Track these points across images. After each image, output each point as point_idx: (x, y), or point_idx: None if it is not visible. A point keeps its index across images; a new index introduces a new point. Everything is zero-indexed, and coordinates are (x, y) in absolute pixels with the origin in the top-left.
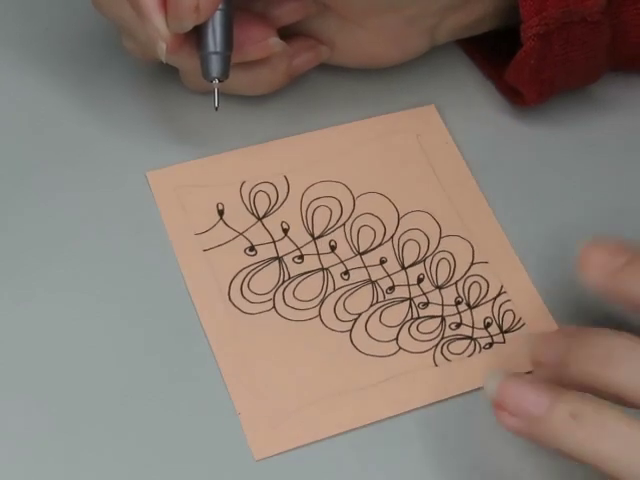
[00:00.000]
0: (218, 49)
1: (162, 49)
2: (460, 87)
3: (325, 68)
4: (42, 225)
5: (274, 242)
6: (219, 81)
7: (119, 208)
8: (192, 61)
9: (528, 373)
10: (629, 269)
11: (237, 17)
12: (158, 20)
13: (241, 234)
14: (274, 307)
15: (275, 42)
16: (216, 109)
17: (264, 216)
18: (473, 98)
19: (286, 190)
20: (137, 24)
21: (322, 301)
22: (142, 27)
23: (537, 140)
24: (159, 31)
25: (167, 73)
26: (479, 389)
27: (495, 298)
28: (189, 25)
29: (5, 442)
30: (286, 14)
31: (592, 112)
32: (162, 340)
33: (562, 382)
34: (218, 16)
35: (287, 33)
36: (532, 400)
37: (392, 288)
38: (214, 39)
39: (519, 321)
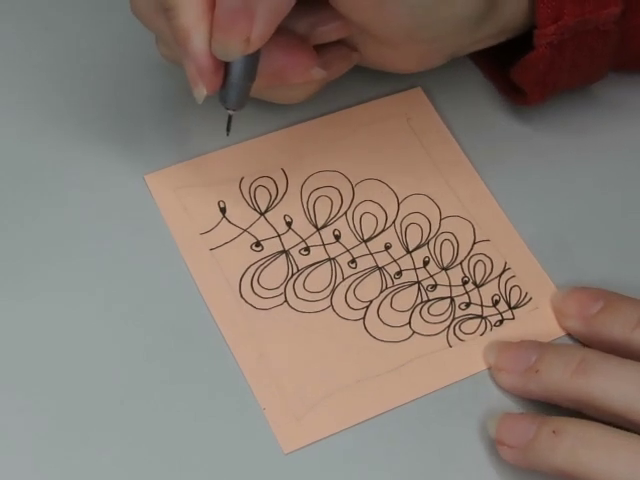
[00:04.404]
0: (239, 80)
1: (202, 94)
2: (454, 79)
3: None
4: (46, 219)
5: (279, 236)
6: (233, 110)
7: (120, 212)
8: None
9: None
10: (602, 314)
11: (280, 40)
12: (203, 61)
13: (245, 230)
14: (286, 301)
15: (317, 72)
16: (227, 135)
17: (266, 211)
18: (473, 96)
19: (285, 183)
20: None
21: (333, 291)
22: (184, 64)
23: (536, 138)
24: (202, 69)
25: (147, 78)
26: None
27: (500, 275)
28: (235, 55)
29: (5, 442)
30: (328, 32)
31: (592, 112)
32: (174, 341)
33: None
34: None
35: None
36: (523, 428)
37: (399, 273)
38: (237, 70)
39: (526, 296)
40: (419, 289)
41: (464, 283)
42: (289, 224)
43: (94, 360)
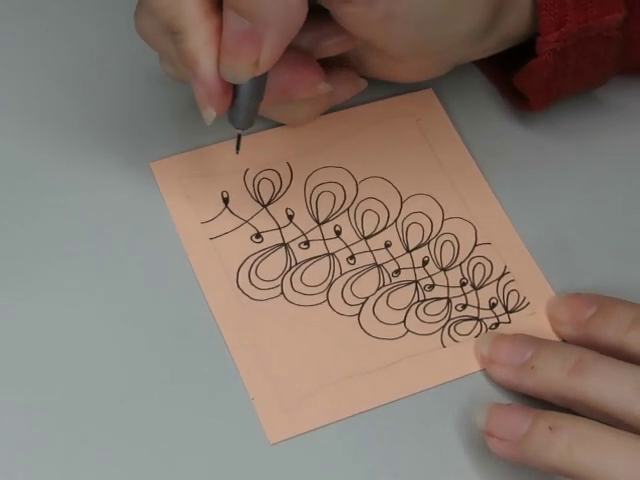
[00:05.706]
0: (247, 101)
1: (211, 116)
2: (465, 83)
3: None
4: (46, 219)
5: (280, 228)
6: (242, 129)
7: (124, 199)
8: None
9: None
10: (596, 319)
11: (286, 56)
12: (212, 86)
13: (247, 221)
14: (282, 293)
15: (324, 87)
16: (237, 153)
17: (269, 203)
18: (483, 100)
19: (289, 177)
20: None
21: (329, 286)
22: (192, 86)
23: (541, 142)
24: (210, 91)
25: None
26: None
27: (499, 278)
28: (244, 78)
29: (5, 441)
30: (332, 47)
31: (596, 116)
32: (172, 328)
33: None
34: None
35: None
36: (516, 421)
37: (398, 271)
38: (246, 91)
39: (523, 300)
40: (416, 288)
41: (462, 285)
42: (290, 217)
43: (94, 360)
